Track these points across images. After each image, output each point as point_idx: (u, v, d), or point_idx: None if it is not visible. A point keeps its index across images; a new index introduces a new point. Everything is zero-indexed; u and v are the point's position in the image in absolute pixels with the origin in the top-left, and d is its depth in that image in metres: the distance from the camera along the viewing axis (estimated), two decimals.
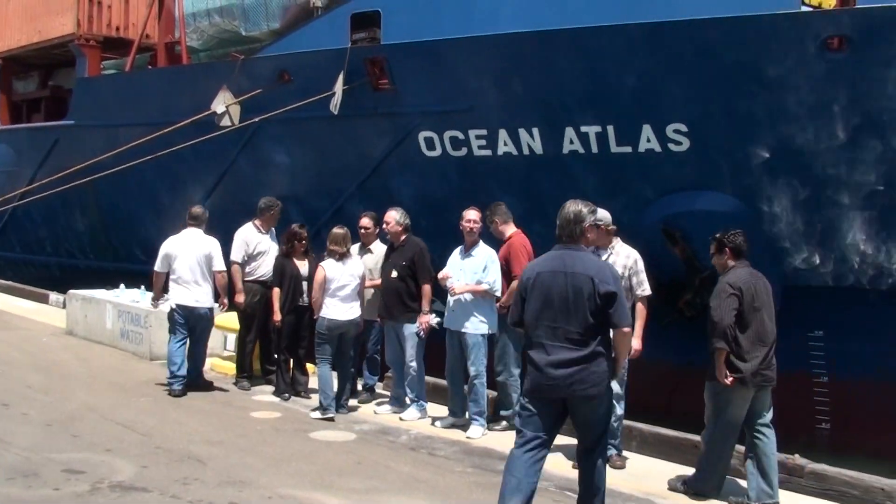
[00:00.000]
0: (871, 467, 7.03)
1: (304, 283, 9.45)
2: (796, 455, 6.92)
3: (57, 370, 10.62)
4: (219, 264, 9.77)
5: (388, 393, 9.59)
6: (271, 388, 9.89)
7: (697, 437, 7.08)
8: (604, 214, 7.10)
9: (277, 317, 9.50)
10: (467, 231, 8.44)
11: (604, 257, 7.08)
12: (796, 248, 10.07)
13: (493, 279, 8.27)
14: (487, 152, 11.20)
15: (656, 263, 8.98)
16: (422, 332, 8.70)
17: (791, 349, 8.24)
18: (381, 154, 12.27)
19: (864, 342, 10.08)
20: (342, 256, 8.87)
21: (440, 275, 8.55)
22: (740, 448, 6.74)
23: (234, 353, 10.65)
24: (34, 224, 19.09)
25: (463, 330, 8.32)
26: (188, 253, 9.74)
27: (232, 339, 10.80)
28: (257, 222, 10.16)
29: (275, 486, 6.51)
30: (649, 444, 7.79)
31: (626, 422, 7.62)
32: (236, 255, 9.99)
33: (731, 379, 6.35)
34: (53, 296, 15.60)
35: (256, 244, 10.03)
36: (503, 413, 8.56)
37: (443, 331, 8.56)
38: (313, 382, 9.53)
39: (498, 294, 8.28)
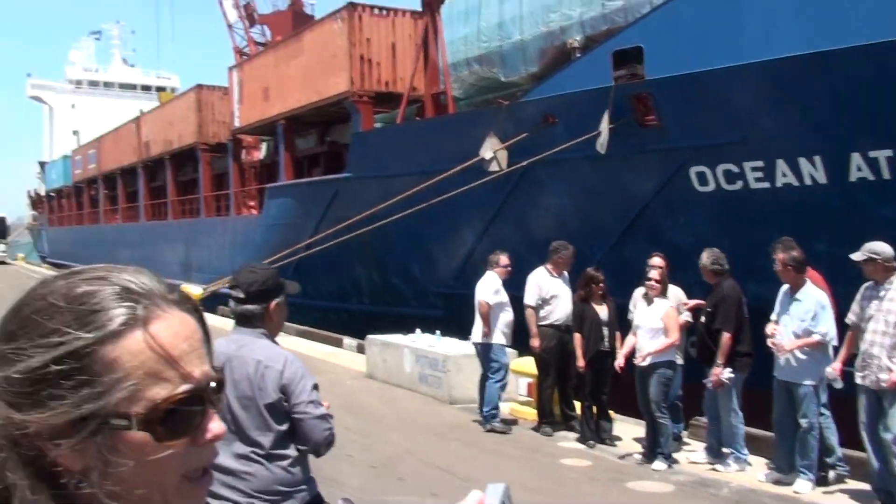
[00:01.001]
0: None
1: (605, 328, 9.39)
2: None
3: (367, 413, 11.06)
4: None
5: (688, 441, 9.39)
6: (573, 434, 9.89)
7: None
8: (882, 248, 6.93)
9: (581, 363, 9.40)
10: (780, 271, 7.92)
11: (882, 294, 6.91)
12: None
13: (825, 330, 7.68)
14: (765, 184, 10.72)
15: None
16: (710, 385, 8.37)
17: None
18: (650, 192, 12.08)
19: None
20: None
21: (768, 330, 7.98)
22: None
23: (529, 398, 10.82)
24: (316, 271, 20.50)
25: (793, 380, 7.87)
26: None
27: (524, 383, 10.96)
28: (549, 266, 10.14)
29: None
30: None
31: None
32: (530, 298, 10.02)
33: None
34: (347, 340, 16.43)
35: (549, 288, 10.11)
36: (828, 460, 8.03)
37: (767, 378, 8.18)
38: (617, 429, 9.47)
39: (834, 343, 7.68)
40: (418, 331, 13.28)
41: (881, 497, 7.30)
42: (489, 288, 10.14)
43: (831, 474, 7.87)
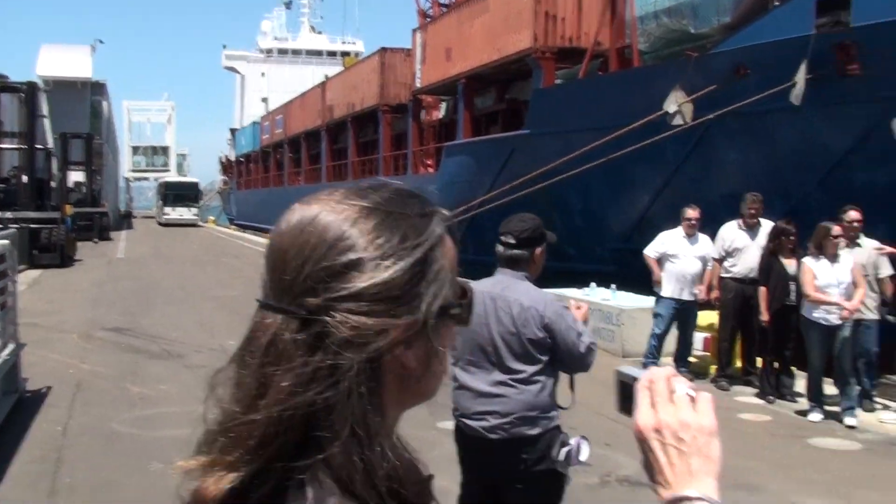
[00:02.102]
0: None
1: (792, 283, 9.05)
2: None
3: None
4: None
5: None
6: (751, 389, 9.61)
7: None
8: None
9: (765, 317, 9.15)
10: None
11: None
12: None
13: None
14: None
15: None
16: None
17: None
18: (847, 145, 11.45)
19: None
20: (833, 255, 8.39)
21: None
22: None
23: (705, 353, 10.58)
24: (490, 228, 20.60)
25: None
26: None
27: (700, 336, 10.73)
28: (740, 220, 9.94)
29: (787, 493, 6.29)
30: None
31: None
32: (714, 251, 9.94)
33: None
34: None
35: (733, 240, 9.86)
36: None
37: None
38: (799, 386, 9.14)
39: None
40: (593, 284, 13.19)
41: None
42: (655, 241, 10.21)
43: None
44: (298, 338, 0.96)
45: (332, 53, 72.06)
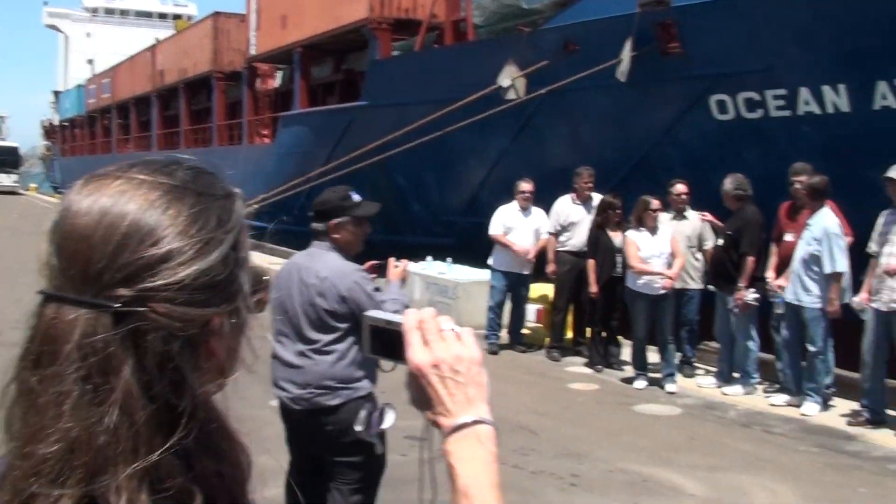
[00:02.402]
0: None
1: (618, 255, 9.38)
2: None
3: None
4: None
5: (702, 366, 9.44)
6: (581, 359, 9.95)
7: None
8: None
9: (594, 288, 9.46)
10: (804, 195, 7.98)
11: None
12: None
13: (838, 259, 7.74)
14: (786, 113, 10.59)
15: None
16: (736, 310, 8.37)
17: None
18: (669, 121, 11.96)
19: None
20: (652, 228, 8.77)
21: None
22: None
23: (537, 324, 10.86)
24: None
25: (801, 303, 7.88)
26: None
27: (532, 309, 11.00)
28: (574, 194, 10.23)
29: (613, 460, 6.52)
30: None
31: None
32: (549, 225, 10.17)
33: None
34: None
35: (567, 215, 10.12)
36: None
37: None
38: (625, 354, 9.52)
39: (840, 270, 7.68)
40: (429, 258, 13.29)
41: (870, 414, 7.44)
42: (495, 218, 10.39)
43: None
44: (114, 335, 0.88)
45: (162, 15, 69.26)
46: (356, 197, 4.16)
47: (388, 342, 1.26)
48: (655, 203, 8.83)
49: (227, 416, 1.01)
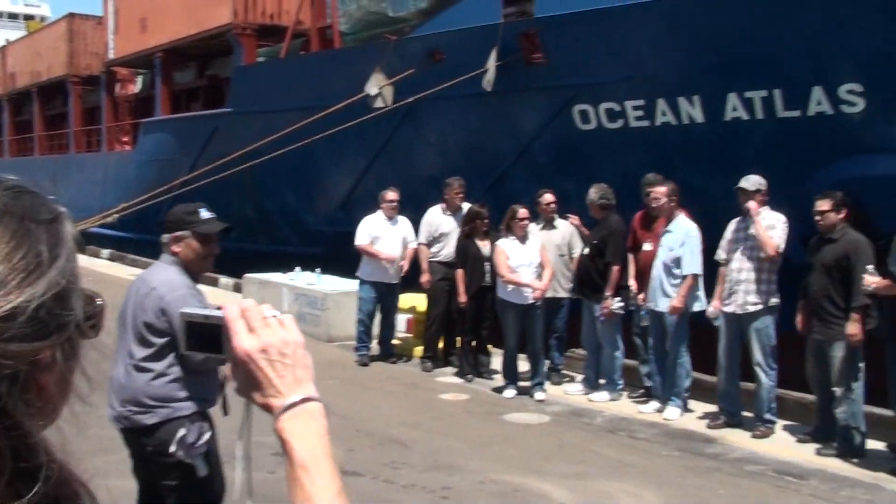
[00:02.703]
0: None
1: (487, 264, 9.44)
2: None
3: None
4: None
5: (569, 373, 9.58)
6: (451, 370, 9.96)
7: None
8: (765, 182, 7.51)
9: (463, 298, 9.48)
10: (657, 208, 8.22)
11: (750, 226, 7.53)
12: None
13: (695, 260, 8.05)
14: (645, 123, 10.93)
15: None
16: (601, 318, 8.55)
17: None
18: (534, 130, 12.16)
19: None
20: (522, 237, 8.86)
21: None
22: None
23: (409, 334, 10.84)
24: None
25: (662, 309, 8.10)
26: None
27: (403, 318, 10.98)
28: (443, 205, 10.23)
29: (483, 471, 6.52)
30: None
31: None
32: (420, 236, 10.15)
33: None
34: (224, 279, 16.13)
35: (438, 225, 10.12)
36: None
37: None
38: (495, 364, 9.58)
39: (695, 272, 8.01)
40: (297, 269, 13.11)
41: (724, 416, 7.76)
42: (360, 230, 10.30)
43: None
44: None
45: (13, 16, 65.94)
46: (205, 213, 4.03)
47: (208, 337, 1.30)
48: (523, 212, 8.94)
49: (66, 459, 0.93)
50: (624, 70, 10.81)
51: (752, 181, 7.62)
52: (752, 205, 7.50)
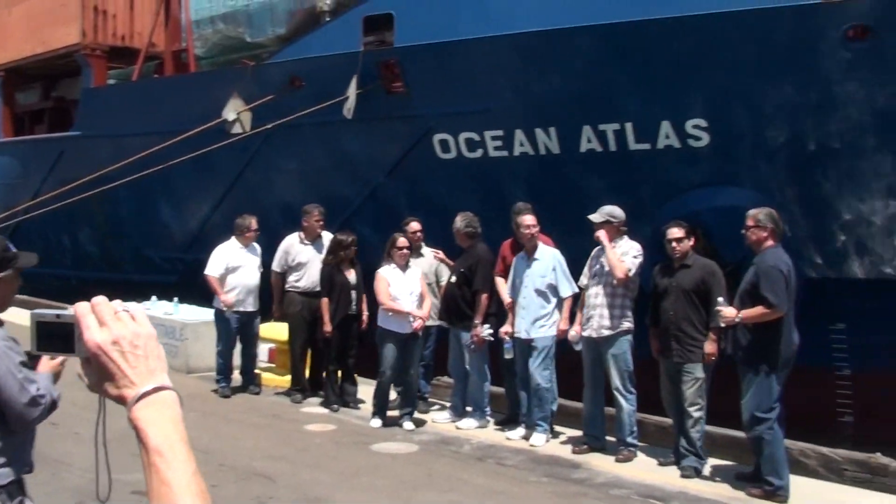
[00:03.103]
0: None
1: (353, 292, 9.34)
2: (878, 454, 6.86)
3: None
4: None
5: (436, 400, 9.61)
6: (317, 400, 9.78)
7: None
8: (618, 212, 7.86)
9: (328, 327, 9.35)
10: (527, 238, 8.33)
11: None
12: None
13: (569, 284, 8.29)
14: (503, 153, 11.13)
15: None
16: (472, 346, 8.59)
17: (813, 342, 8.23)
18: (395, 158, 12.20)
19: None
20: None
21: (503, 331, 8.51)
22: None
23: (270, 364, 10.63)
24: (38, 237, 18.95)
25: (528, 336, 8.19)
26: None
27: (266, 347, 10.76)
28: (302, 233, 10.05)
29: (352, 502, 6.44)
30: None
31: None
32: (275, 265, 9.94)
33: None
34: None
35: (297, 254, 9.94)
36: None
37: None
38: (362, 393, 9.48)
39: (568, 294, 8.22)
40: (154, 298, 12.65)
41: (589, 441, 7.92)
42: (213, 259, 10.09)
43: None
44: None
45: None
46: (13, 248, 3.58)
47: (60, 336, 1.33)
48: (402, 241, 8.94)
49: None
50: (482, 101, 10.99)
51: (603, 212, 7.87)
52: (600, 233, 7.76)
